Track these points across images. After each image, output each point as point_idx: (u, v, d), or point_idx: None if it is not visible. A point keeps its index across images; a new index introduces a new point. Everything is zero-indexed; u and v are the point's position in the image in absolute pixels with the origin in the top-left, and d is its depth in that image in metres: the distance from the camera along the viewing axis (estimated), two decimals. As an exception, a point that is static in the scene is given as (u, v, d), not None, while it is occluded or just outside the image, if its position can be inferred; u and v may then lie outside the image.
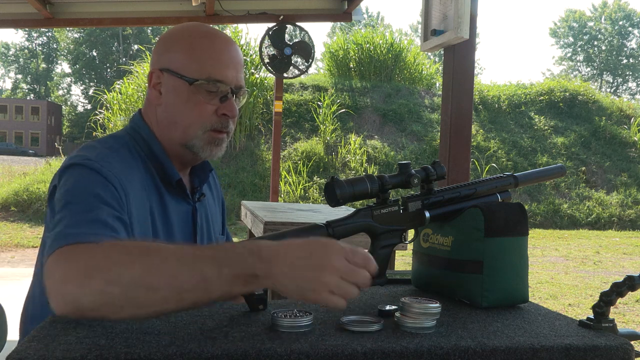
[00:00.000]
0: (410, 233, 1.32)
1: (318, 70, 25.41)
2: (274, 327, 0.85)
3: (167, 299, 0.80)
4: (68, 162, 1.07)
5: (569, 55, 57.15)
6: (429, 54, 16.62)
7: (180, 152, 1.21)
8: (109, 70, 56.76)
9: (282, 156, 11.61)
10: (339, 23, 39.86)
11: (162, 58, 1.20)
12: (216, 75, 1.16)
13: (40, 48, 63.05)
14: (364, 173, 9.52)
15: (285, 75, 5.59)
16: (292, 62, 5.50)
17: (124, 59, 53.16)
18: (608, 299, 0.94)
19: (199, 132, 1.17)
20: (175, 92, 1.17)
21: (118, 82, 12.93)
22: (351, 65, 16.02)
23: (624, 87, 56.17)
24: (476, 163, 12.51)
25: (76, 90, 76.48)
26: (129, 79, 12.58)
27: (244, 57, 12.16)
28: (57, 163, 13.14)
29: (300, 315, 0.87)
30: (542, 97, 15.70)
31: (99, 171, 1.03)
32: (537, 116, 15.05)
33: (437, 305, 0.90)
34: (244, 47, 12.54)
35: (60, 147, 15.47)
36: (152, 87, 1.21)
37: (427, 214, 1.11)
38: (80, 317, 0.82)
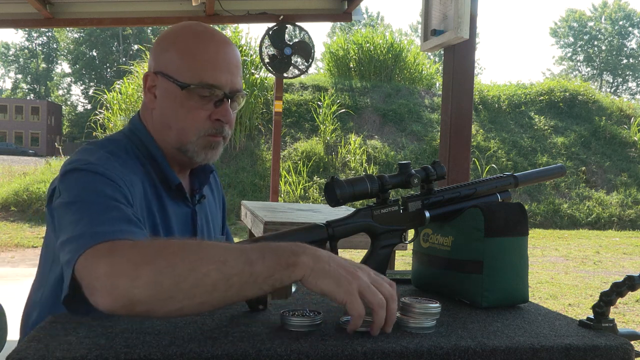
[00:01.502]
0: (410, 233, 1.32)
1: (318, 70, 25.41)
2: (284, 326, 0.85)
3: (217, 285, 0.79)
4: (69, 167, 1.04)
5: (569, 55, 57.16)
6: (429, 54, 16.62)
7: (177, 155, 1.19)
8: (109, 70, 56.77)
9: (282, 156, 11.61)
10: (339, 23, 39.90)
11: (156, 60, 1.18)
12: (209, 79, 1.12)
13: (40, 48, 63.06)
14: (364, 173, 9.51)
15: (285, 75, 5.59)
16: (292, 62, 5.50)
17: (124, 59, 53.17)
18: (608, 299, 0.94)
19: (193, 137, 1.15)
20: (168, 96, 1.15)
21: (118, 82, 12.93)
22: (351, 65, 16.02)
23: (624, 87, 56.18)
24: (476, 163, 12.50)
25: (76, 90, 76.54)
26: (129, 79, 12.58)
27: (244, 58, 12.17)
28: (57, 163, 13.14)
29: (310, 314, 0.87)
30: (542, 97, 15.70)
31: (103, 174, 1.01)
32: (537, 116, 15.05)
33: (437, 305, 0.90)
34: (244, 47, 12.54)
35: (60, 147, 15.48)
36: (147, 90, 1.19)
37: (427, 214, 1.11)
38: (129, 312, 0.80)
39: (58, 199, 1.00)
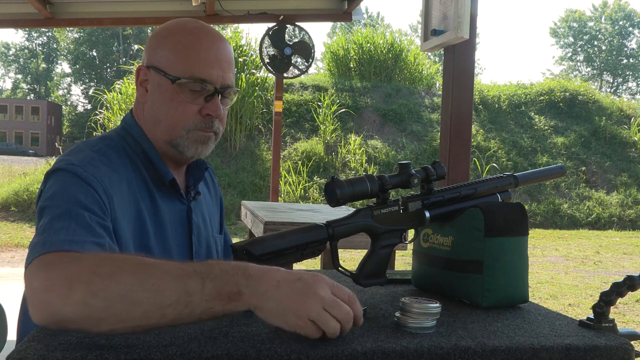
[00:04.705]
0: (410, 233, 1.32)
1: (318, 70, 25.42)
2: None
3: (149, 314, 0.77)
4: (53, 167, 1.06)
5: (569, 55, 57.13)
6: (429, 54, 16.62)
7: (169, 151, 1.19)
8: (109, 70, 56.75)
9: (282, 156, 11.60)
10: (339, 23, 39.88)
11: (149, 55, 1.19)
12: (200, 74, 1.13)
13: (40, 48, 63.03)
14: (364, 173, 9.51)
15: (285, 75, 5.59)
16: (292, 62, 5.50)
17: (124, 59, 53.17)
18: (608, 299, 0.94)
19: (183, 131, 1.15)
20: (159, 90, 1.16)
21: (118, 82, 12.93)
22: (351, 65, 16.02)
23: (624, 87, 56.14)
24: (477, 163, 12.50)
25: (76, 90, 76.58)
26: (129, 79, 12.56)
27: (244, 57, 12.18)
28: (57, 163, 13.11)
29: None
30: (542, 97, 15.70)
31: (80, 176, 1.02)
32: (537, 116, 15.05)
33: (437, 305, 0.89)
34: (244, 47, 12.54)
35: (60, 147, 15.44)
36: (140, 84, 1.19)
37: (427, 214, 1.11)
38: (59, 328, 0.80)
39: (40, 201, 1.03)
